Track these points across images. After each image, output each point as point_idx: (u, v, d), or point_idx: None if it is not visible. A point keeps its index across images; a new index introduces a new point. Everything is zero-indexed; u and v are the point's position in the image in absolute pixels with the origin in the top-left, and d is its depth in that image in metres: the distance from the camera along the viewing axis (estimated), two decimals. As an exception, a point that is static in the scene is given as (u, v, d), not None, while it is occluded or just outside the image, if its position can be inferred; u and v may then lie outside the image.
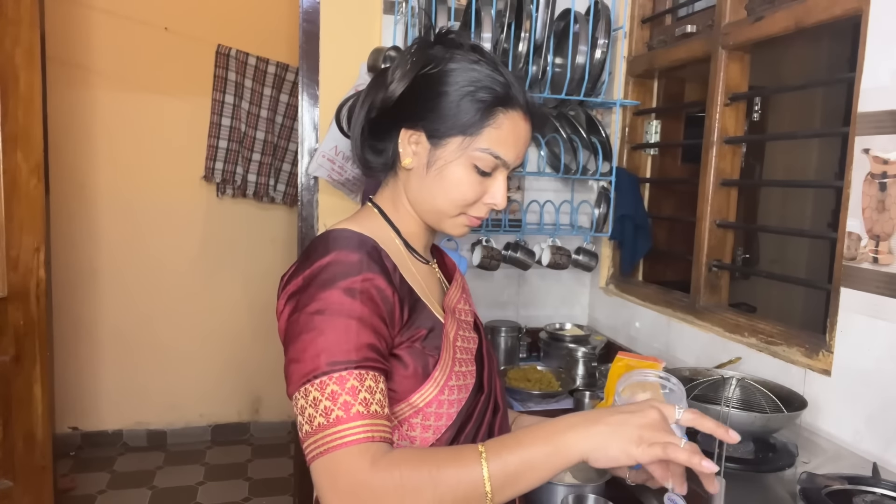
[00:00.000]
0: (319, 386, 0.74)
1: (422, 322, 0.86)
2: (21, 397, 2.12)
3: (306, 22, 1.98)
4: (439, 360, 0.86)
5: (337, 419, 0.72)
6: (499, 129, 0.87)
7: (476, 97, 0.85)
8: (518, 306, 2.26)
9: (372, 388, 0.75)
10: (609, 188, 2.02)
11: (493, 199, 0.90)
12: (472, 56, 0.89)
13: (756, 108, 1.76)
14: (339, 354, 0.75)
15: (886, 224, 1.20)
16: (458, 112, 0.85)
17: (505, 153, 0.88)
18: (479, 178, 0.88)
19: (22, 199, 2.06)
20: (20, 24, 2.02)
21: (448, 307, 0.96)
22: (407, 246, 0.95)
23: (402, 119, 0.90)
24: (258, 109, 3.44)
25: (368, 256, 0.82)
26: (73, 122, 3.22)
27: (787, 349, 1.44)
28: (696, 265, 1.79)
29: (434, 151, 0.88)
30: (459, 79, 0.86)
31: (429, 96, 0.87)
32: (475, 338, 0.98)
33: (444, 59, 0.88)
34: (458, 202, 0.89)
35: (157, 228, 3.43)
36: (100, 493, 3.00)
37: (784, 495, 1.07)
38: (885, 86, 1.21)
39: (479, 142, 0.86)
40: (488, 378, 0.95)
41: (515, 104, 0.88)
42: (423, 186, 0.90)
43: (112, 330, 3.41)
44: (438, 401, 0.85)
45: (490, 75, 0.87)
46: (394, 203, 0.95)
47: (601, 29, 1.94)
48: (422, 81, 0.88)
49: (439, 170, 0.88)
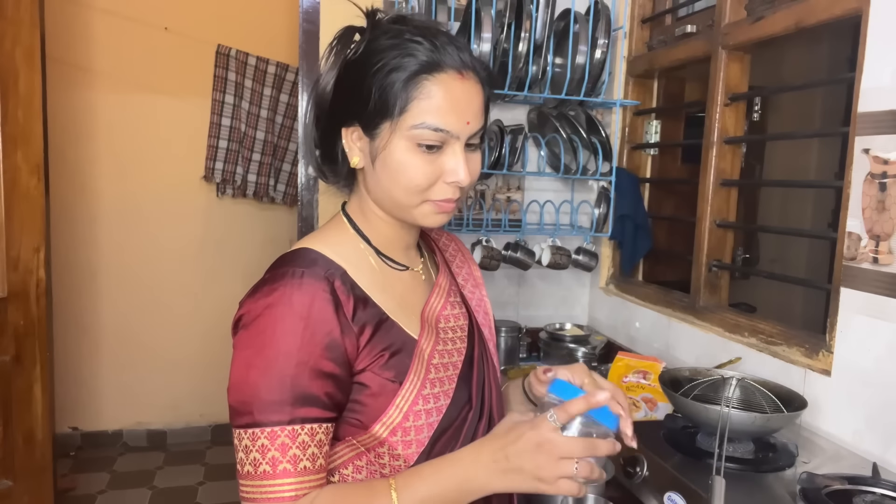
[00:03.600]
0: (251, 437, 0.73)
1: (387, 343, 0.81)
2: (21, 397, 2.12)
3: (306, 22, 1.98)
4: (403, 384, 0.80)
5: (263, 473, 0.73)
6: (429, 98, 0.77)
7: (396, 72, 0.77)
8: (518, 306, 2.26)
9: (305, 443, 0.74)
10: (609, 188, 2.02)
11: (455, 177, 0.80)
12: (393, 30, 0.80)
13: (756, 108, 1.76)
14: (272, 408, 0.73)
15: (886, 224, 1.20)
16: (381, 94, 0.78)
17: (445, 122, 0.78)
18: (428, 156, 0.79)
19: (22, 199, 2.06)
20: (20, 24, 2.02)
21: (427, 318, 0.88)
22: (380, 255, 0.88)
23: (339, 118, 0.84)
24: (258, 109, 3.44)
25: (317, 294, 0.76)
26: (73, 122, 3.22)
27: (787, 349, 1.44)
28: (696, 265, 1.79)
29: (373, 144, 0.81)
30: (378, 58, 0.78)
31: (355, 86, 0.80)
32: (463, 349, 0.90)
33: (364, 41, 0.81)
34: (411, 188, 0.80)
35: (157, 228, 3.43)
36: (100, 493, 3.00)
37: (784, 495, 1.07)
38: (885, 86, 1.21)
39: (411, 118, 0.77)
40: (478, 390, 0.88)
41: (444, 66, 0.78)
42: (377, 183, 0.83)
43: (112, 330, 3.41)
44: (404, 428, 0.80)
45: (410, 43, 0.78)
46: (361, 208, 0.89)
47: (601, 29, 1.94)
48: (346, 71, 0.82)
49: (382, 160, 0.80)
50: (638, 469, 1.20)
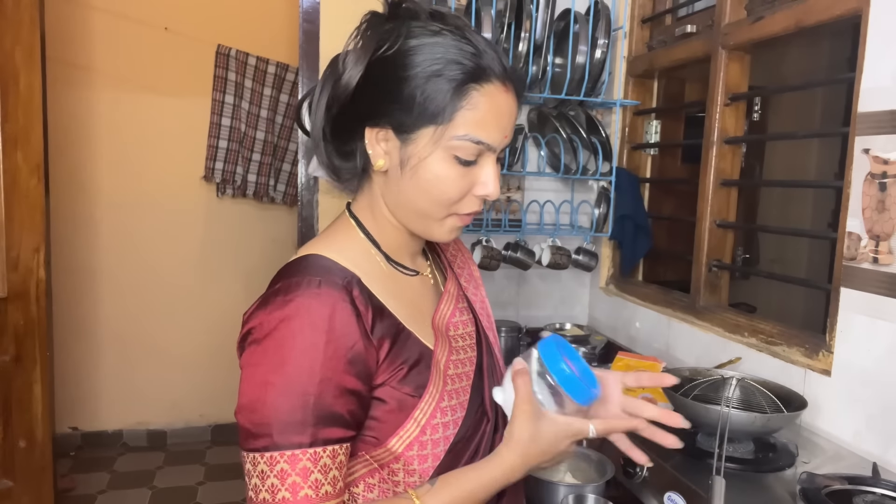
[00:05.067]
0: (269, 461, 0.68)
1: (405, 356, 0.77)
2: (21, 397, 2.12)
3: (306, 22, 1.98)
4: (422, 397, 0.76)
5: (282, 501, 0.67)
6: (475, 109, 0.73)
7: (443, 77, 0.72)
8: (518, 306, 2.26)
9: (327, 466, 0.69)
10: (609, 188, 2.02)
11: (486, 190, 0.78)
12: (432, 26, 0.75)
13: (756, 108, 1.76)
14: (293, 430, 0.68)
15: (886, 224, 1.20)
16: (424, 98, 0.73)
17: (487, 135, 0.75)
18: (463, 169, 0.76)
19: (22, 199, 2.06)
20: (20, 24, 2.02)
21: (438, 326, 0.84)
22: (390, 260, 0.84)
23: (364, 115, 0.77)
24: (258, 109, 3.44)
25: (337, 304, 0.71)
26: (73, 122, 3.22)
27: (787, 349, 1.44)
28: (696, 265, 1.79)
29: (405, 148, 0.76)
30: (421, 58, 0.73)
31: (389, 84, 0.74)
32: (473, 357, 0.87)
33: (401, 35, 0.75)
34: (442, 202, 0.77)
35: (156, 228, 3.43)
36: (100, 493, 3.00)
37: (784, 495, 1.07)
38: (885, 86, 1.21)
39: (455, 128, 0.73)
40: (491, 401, 0.84)
41: (490, 76, 0.74)
42: (401, 190, 0.78)
43: (112, 330, 3.41)
44: (420, 442, 0.76)
45: (456, 46, 0.73)
46: (372, 211, 0.83)
47: (601, 29, 1.94)
48: (378, 66, 0.75)
49: (414, 168, 0.75)
50: (638, 469, 1.20)
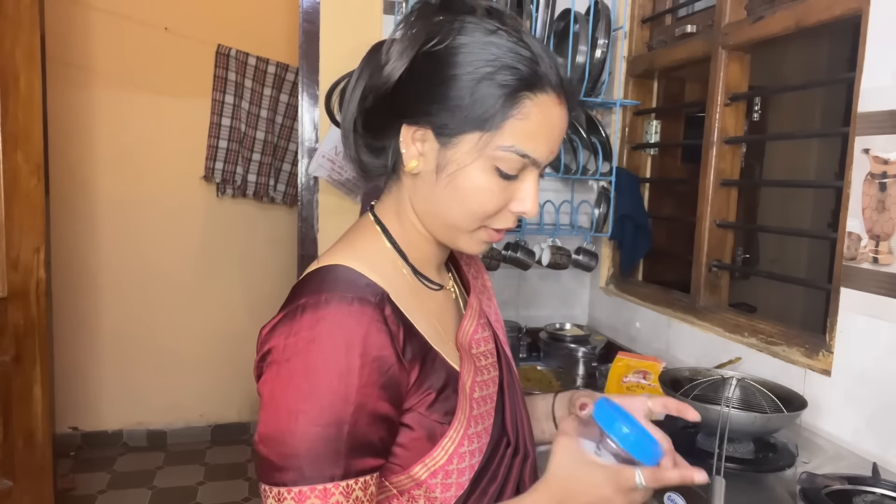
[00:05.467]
0: (297, 496, 0.62)
1: (433, 380, 0.71)
2: (21, 397, 2.12)
3: (306, 22, 1.98)
4: (452, 424, 0.71)
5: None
6: (525, 119, 0.67)
7: (495, 80, 0.66)
8: (518, 306, 2.26)
9: (359, 498, 0.64)
10: (609, 188, 2.02)
11: (523, 207, 0.72)
12: (488, 24, 0.69)
13: (756, 108, 1.76)
14: (327, 461, 0.62)
15: (886, 224, 1.20)
16: (472, 101, 0.67)
17: (534, 149, 0.69)
18: (503, 182, 0.70)
19: (22, 199, 2.06)
20: (20, 24, 2.01)
21: (462, 344, 0.78)
22: (417, 274, 0.77)
23: (402, 110, 0.72)
24: (258, 109, 3.44)
25: (372, 324, 0.65)
26: (73, 122, 3.22)
27: (787, 349, 1.44)
28: (696, 265, 1.79)
29: (444, 152, 0.70)
30: (473, 57, 0.67)
31: (434, 81, 0.68)
32: (496, 377, 0.81)
33: (453, 30, 0.68)
34: (477, 214, 0.71)
35: (156, 228, 3.43)
36: (100, 493, 2.99)
37: (784, 495, 1.07)
38: (885, 86, 1.21)
39: (502, 138, 0.68)
40: (512, 422, 0.79)
41: (546, 85, 0.68)
42: (433, 196, 0.72)
43: (112, 330, 3.41)
44: (446, 470, 0.70)
45: (512, 49, 0.67)
46: (398, 217, 0.77)
47: (601, 29, 1.94)
48: (425, 61, 0.69)
49: (452, 175, 0.70)
50: (638, 469, 1.20)
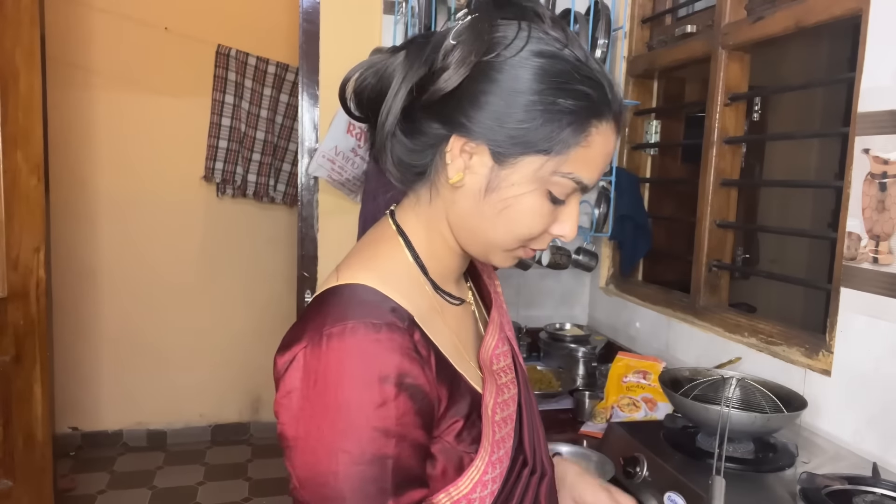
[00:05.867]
0: None
1: (460, 406, 0.67)
2: (21, 397, 2.12)
3: (306, 22, 1.98)
4: (478, 453, 0.68)
5: None
6: (589, 147, 0.64)
7: (567, 105, 0.62)
8: (518, 306, 2.26)
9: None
10: (609, 188, 2.02)
11: (563, 230, 0.69)
12: (555, 39, 0.64)
13: (756, 108, 1.76)
14: (373, 500, 0.59)
15: (886, 224, 1.20)
16: (538, 124, 0.62)
17: (589, 177, 0.66)
18: (551, 206, 0.67)
19: (22, 199, 2.06)
20: (20, 24, 2.02)
21: (485, 361, 0.74)
22: (437, 290, 0.73)
23: (451, 120, 0.65)
24: (258, 109, 3.44)
25: (405, 354, 0.61)
26: (73, 122, 3.22)
27: (787, 349, 1.44)
28: (696, 265, 1.79)
29: (499, 171, 0.65)
30: (545, 76, 0.62)
31: (495, 96, 0.63)
32: (515, 395, 0.77)
33: (519, 39, 0.62)
34: (522, 235, 0.68)
35: (157, 228, 3.43)
36: (100, 493, 3.00)
37: (784, 495, 1.07)
38: (885, 86, 1.21)
39: (565, 165, 0.64)
40: (530, 441, 0.76)
41: (608, 114, 0.65)
42: (476, 213, 0.67)
43: (112, 330, 3.41)
44: (469, 499, 0.67)
45: (582, 72, 0.63)
46: (426, 226, 0.72)
47: (601, 29, 1.93)
48: (484, 71, 0.62)
49: (503, 195, 0.65)
50: (638, 469, 1.20)
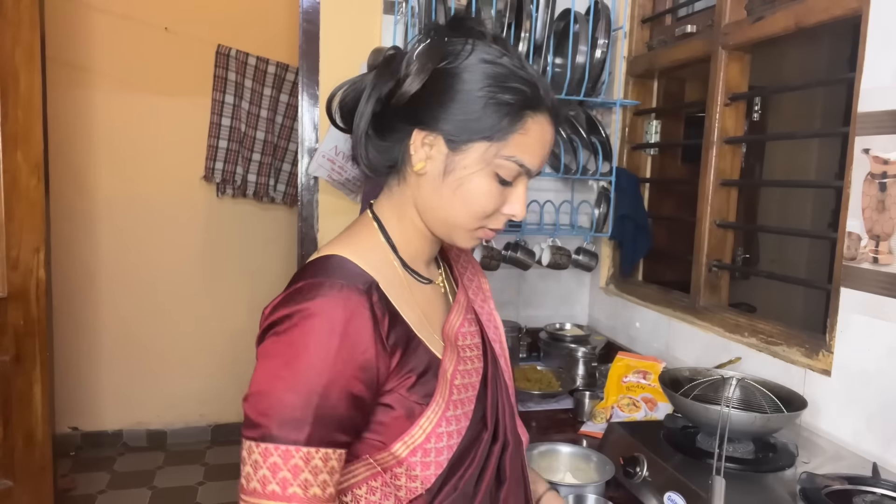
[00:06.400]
0: (263, 452, 0.70)
1: (414, 364, 0.79)
2: (21, 397, 2.12)
3: (306, 22, 1.98)
4: (429, 405, 0.78)
5: (272, 494, 0.69)
6: (526, 134, 0.79)
7: (504, 99, 0.77)
8: (518, 306, 2.26)
9: (318, 468, 0.70)
10: (609, 188, 2.02)
11: (513, 210, 0.83)
12: (495, 49, 0.79)
13: (756, 108, 1.76)
14: (292, 426, 0.69)
15: (886, 224, 1.20)
16: (482, 115, 0.77)
17: (530, 161, 0.80)
18: (500, 187, 0.80)
19: (22, 199, 2.06)
20: (20, 24, 2.02)
21: (448, 335, 0.87)
22: (407, 267, 0.86)
23: (414, 118, 0.80)
24: (258, 109, 3.44)
25: (357, 308, 0.73)
26: (73, 122, 3.22)
27: (787, 349, 1.44)
28: (696, 265, 1.79)
29: (453, 157, 0.79)
30: (486, 76, 0.77)
31: (448, 95, 0.78)
32: (480, 368, 0.89)
33: (465, 51, 0.78)
34: (477, 214, 0.81)
35: (157, 228, 3.43)
36: (100, 493, 3.00)
37: (784, 495, 1.07)
38: (885, 86, 1.21)
39: (506, 149, 0.78)
40: (492, 412, 0.87)
41: (543, 106, 0.80)
42: (437, 195, 0.81)
43: (112, 330, 3.41)
44: (424, 449, 0.78)
45: (517, 73, 0.78)
46: (398, 213, 0.86)
47: (601, 29, 1.94)
48: (440, 77, 0.78)
49: (459, 178, 0.79)
50: (638, 469, 1.20)
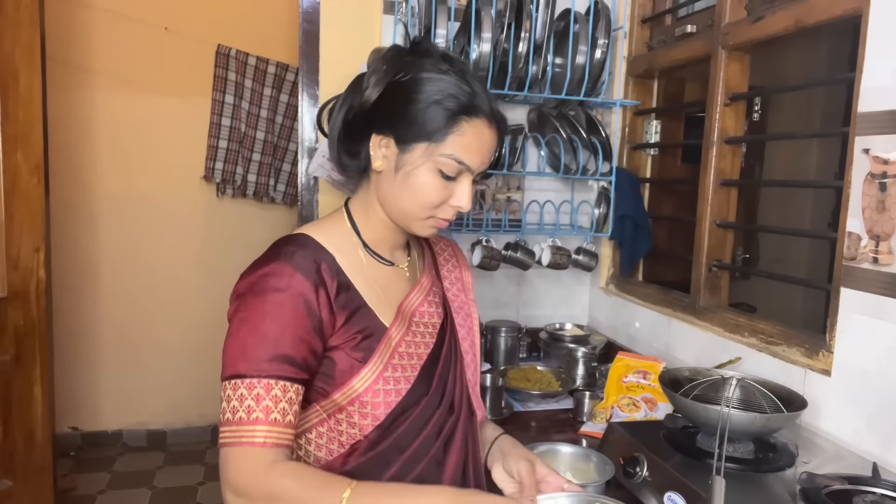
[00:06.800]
0: (233, 387, 0.84)
1: (359, 327, 0.93)
2: (21, 397, 2.12)
3: (306, 22, 1.98)
4: (367, 363, 0.92)
5: (239, 420, 0.83)
6: (462, 136, 0.91)
7: (442, 105, 0.90)
8: (518, 306, 2.26)
9: (277, 397, 0.84)
10: (609, 188, 2.02)
11: (459, 202, 0.95)
12: (441, 66, 0.94)
13: (756, 108, 1.76)
14: (254, 362, 0.84)
15: (886, 224, 1.20)
16: (424, 119, 0.91)
17: (468, 159, 0.93)
18: (444, 181, 0.93)
19: (22, 199, 2.06)
20: (20, 24, 2.02)
21: (403, 310, 1.01)
22: (368, 249, 1.01)
23: (374, 124, 0.95)
24: (258, 109, 3.44)
25: (303, 271, 0.89)
26: (73, 122, 3.22)
27: (787, 349, 1.44)
28: (696, 265, 1.79)
29: (402, 156, 0.93)
30: (428, 87, 0.91)
31: (399, 103, 0.92)
32: (431, 343, 1.02)
33: (416, 67, 0.93)
34: (424, 205, 0.94)
35: (156, 228, 3.43)
36: (100, 493, 3.00)
37: (784, 495, 1.07)
38: (885, 86, 1.21)
39: (444, 148, 0.91)
40: (439, 383, 1.00)
41: (480, 113, 0.93)
42: (391, 189, 0.95)
43: (112, 330, 3.41)
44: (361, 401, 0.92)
45: (457, 84, 0.92)
46: (364, 206, 1.01)
47: (601, 29, 1.93)
48: (394, 89, 0.93)
49: (406, 173, 0.93)
50: (638, 469, 1.20)
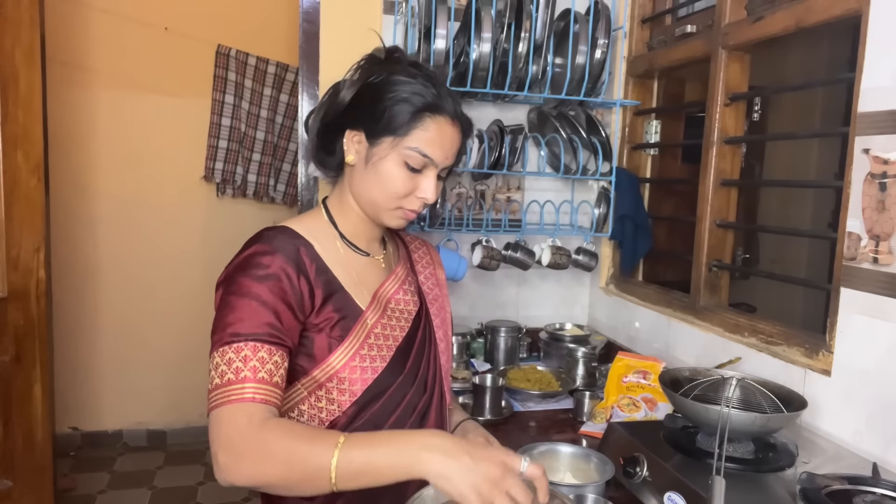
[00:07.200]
0: (221, 353, 0.90)
1: (337, 308, 1.01)
2: (21, 397, 2.12)
3: (306, 22, 1.98)
4: (343, 341, 1.00)
5: (228, 381, 0.87)
6: (426, 131, 1.01)
7: (409, 102, 1.00)
8: (518, 306, 2.26)
9: (264, 358, 0.90)
10: (609, 188, 2.02)
11: (424, 194, 1.04)
12: (410, 70, 1.04)
13: (756, 108, 1.76)
14: (241, 328, 0.90)
15: (886, 224, 1.20)
16: (391, 115, 1.00)
17: (431, 152, 1.01)
18: (410, 173, 1.02)
19: (22, 199, 2.07)
20: (20, 24, 2.02)
21: (379, 296, 1.09)
22: (345, 240, 1.09)
23: (348, 122, 1.04)
24: (258, 109, 3.44)
25: (284, 252, 0.97)
26: (73, 122, 3.22)
27: (787, 349, 1.44)
28: (696, 265, 1.79)
29: (371, 149, 1.02)
30: (397, 88, 1.01)
31: (370, 101, 1.02)
32: (406, 328, 1.10)
33: (387, 70, 1.03)
34: (391, 194, 1.03)
35: (157, 228, 3.43)
36: (100, 493, 3.00)
37: (784, 495, 1.07)
38: (885, 86, 1.21)
39: (409, 141, 1.00)
40: (413, 364, 1.08)
41: (443, 111, 1.02)
42: (362, 180, 1.05)
43: (112, 330, 3.41)
44: (339, 377, 0.99)
45: (423, 86, 1.01)
46: (340, 200, 1.10)
47: (601, 29, 1.93)
48: (367, 90, 1.03)
49: (374, 164, 1.02)
50: (638, 469, 1.20)
